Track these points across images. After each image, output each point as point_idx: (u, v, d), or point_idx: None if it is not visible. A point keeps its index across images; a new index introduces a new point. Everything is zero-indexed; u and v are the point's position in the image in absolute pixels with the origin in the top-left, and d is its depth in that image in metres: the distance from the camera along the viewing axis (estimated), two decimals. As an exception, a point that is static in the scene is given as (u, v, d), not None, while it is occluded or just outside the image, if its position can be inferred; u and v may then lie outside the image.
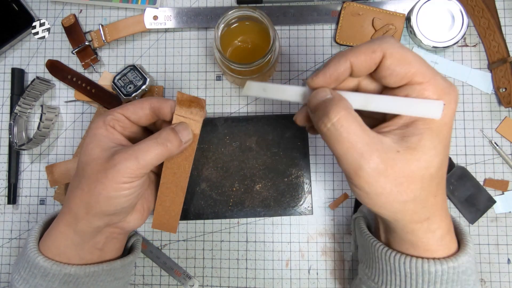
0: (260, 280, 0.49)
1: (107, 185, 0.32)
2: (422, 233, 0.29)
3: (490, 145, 0.49)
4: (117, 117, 0.36)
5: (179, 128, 0.36)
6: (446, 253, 0.30)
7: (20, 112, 0.50)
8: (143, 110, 0.37)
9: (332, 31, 0.51)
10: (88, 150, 0.34)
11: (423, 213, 0.28)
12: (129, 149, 0.33)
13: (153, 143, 0.34)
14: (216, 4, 0.52)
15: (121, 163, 0.32)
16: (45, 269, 0.34)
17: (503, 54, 0.48)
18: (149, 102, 0.37)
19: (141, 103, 0.37)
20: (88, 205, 0.33)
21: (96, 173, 0.33)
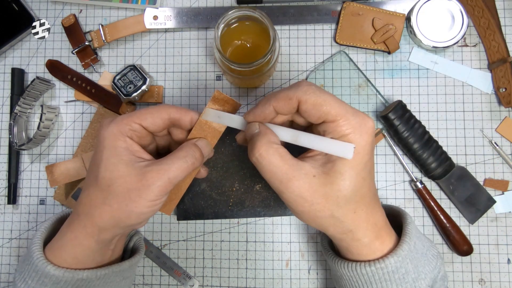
0: (260, 280, 0.49)
1: (140, 204, 0.33)
2: (349, 241, 0.34)
3: (490, 145, 0.49)
4: (134, 127, 0.35)
5: (201, 144, 0.37)
6: (377, 255, 0.34)
7: (20, 112, 0.50)
8: (162, 120, 0.36)
9: (332, 31, 0.51)
10: (111, 165, 0.33)
11: (344, 226, 0.33)
12: (160, 167, 0.33)
13: (181, 161, 0.34)
14: (216, 4, 0.52)
15: (155, 183, 0.33)
16: (56, 277, 0.34)
17: (503, 54, 0.48)
18: (168, 112, 0.36)
19: (159, 113, 0.36)
20: (118, 220, 0.34)
21: (128, 192, 0.33)
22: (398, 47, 0.49)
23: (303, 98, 0.32)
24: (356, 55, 0.50)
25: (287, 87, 0.33)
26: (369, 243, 0.33)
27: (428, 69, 0.50)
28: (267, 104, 0.33)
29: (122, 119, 0.35)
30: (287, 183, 0.31)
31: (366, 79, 0.49)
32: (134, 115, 0.35)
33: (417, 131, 0.46)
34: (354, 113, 0.32)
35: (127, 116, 0.35)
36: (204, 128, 0.37)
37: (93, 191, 0.34)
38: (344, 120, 0.31)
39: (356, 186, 0.31)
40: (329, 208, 0.31)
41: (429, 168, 0.47)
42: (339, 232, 0.33)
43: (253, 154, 0.32)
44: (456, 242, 0.46)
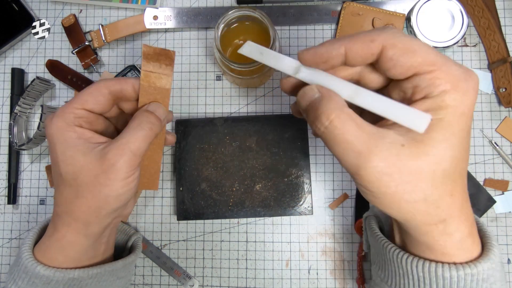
0: (260, 280, 0.49)
1: (113, 186, 0.32)
2: (437, 235, 0.27)
3: (490, 145, 0.49)
4: (79, 114, 0.33)
5: (153, 108, 0.34)
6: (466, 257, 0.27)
7: (20, 112, 0.50)
8: (104, 96, 0.34)
9: (332, 31, 0.51)
10: (69, 159, 0.32)
11: (437, 214, 0.26)
12: (118, 143, 0.32)
13: (137, 130, 0.32)
14: (216, 4, 0.52)
15: (118, 161, 0.31)
16: (47, 278, 0.34)
17: (503, 54, 0.48)
18: (106, 85, 0.34)
19: (98, 90, 0.34)
20: (98, 209, 0.33)
21: (95, 178, 0.32)
22: (398, 47, 0.49)
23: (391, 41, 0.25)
24: (356, 55, 0.50)
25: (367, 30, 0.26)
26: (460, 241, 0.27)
27: (428, 69, 0.50)
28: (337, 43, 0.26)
29: (63, 109, 0.33)
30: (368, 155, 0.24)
31: (366, 79, 0.49)
32: (73, 101, 0.33)
33: (417, 131, 0.46)
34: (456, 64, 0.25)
35: (68, 104, 0.33)
36: (150, 91, 0.35)
37: (63, 188, 0.34)
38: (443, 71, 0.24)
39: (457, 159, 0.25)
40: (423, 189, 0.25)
41: (429, 168, 0.47)
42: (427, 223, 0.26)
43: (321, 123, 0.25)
44: (456, 242, 0.46)
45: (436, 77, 0.25)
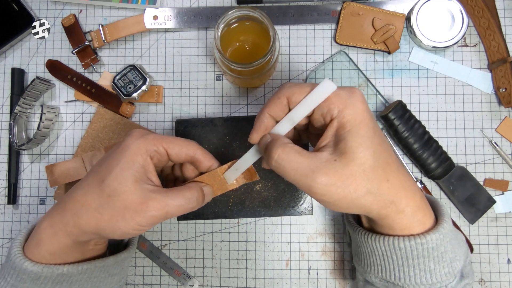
0: (260, 280, 0.49)
1: (130, 224, 0.33)
2: (394, 215, 0.32)
3: (490, 145, 0.49)
4: (160, 151, 0.35)
5: (207, 191, 0.37)
6: (421, 229, 0.33)
7: (20, 112, 0.50)
8: (186, 156, 0.37)
9: (332, 31, 0.51)
10: (121, 177, 0.33)
11: (384, 199, 0.32)
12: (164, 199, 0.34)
13: (184, 201, 0.34)
14: (216, 4, 0.52)
15: (152, 212, 0.33)
16: (35, 274, 0.34)
17: (503, 54, 0.48)
18: (194, 151, 0.37)
19: (187, 148, 0.37)
20: (102, 230, 0.33)
21: (124, 209, 0.33)
22: (398, 47, 0.49)
23: (289, 91, 0.33)
24: (356, 55, 0.50)
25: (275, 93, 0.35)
26: (412, 214, 0.33)
27: (428, 69, 0.50)
28: (262, 114, 0.35)
29: (152, 138, 0.35)
30: (313, 175, 0.31)
31: (366, 79, 0.49)
32: (164, 139, 0.36)
33: (417, 131, 0.46)
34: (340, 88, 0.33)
35: (158, 138, 0.36)
36: (215, 179, 0.38)
37: (91, 192, 0.34)
38: (334, 96, 0.32)
39: (375, 153, 0.31)
40: (362, 185, 0.31)
41: (429, 168, 0.47)
42: (382, 207, 0.32)
43: (272, 158, 0.32)
44: (456, 242, 0.46)
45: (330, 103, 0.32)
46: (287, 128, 0.35)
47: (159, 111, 0.51)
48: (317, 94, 0.32)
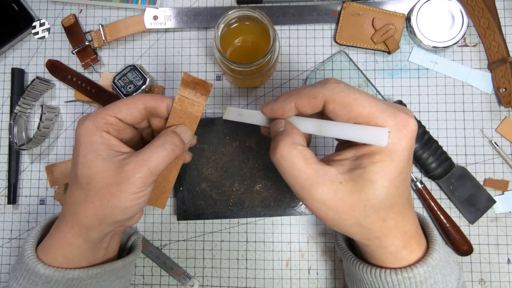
0: (260, 280, 0.49)
1: (122, 198, 0.32)
2: (375, 248, 0.31)
3: (490, 145, 0.49)
4: (110, 121, 0.34)
5: (180, 130, 0.35)
6: (403, 264, 0.31)
7: (20, 112, 0.50)
8: (138, 110, 0.34)
9: (332, 31, 0.51)
10: (88, 162, 0.33)
11: (370, 233, 0.30)
12: (138, 158, 0.32)
13: (160, 149, 0.33)
14: (216, 4, 0.52)
15: (134, 175, 0.32)
16: (47, 277, 0.34)
17: (503, 54, 0.48)
18: (142, 100, 0.35)
19: (134, 103, 0.34)
20: (102, 217, 0.33)
21: (107, 187, 0.32)
22: (398, 47, 0.49)
23: (331, 97, 0.29)
24: (356, 55, 0.50)
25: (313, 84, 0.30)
26: (395, 252, 0.31)
27: (428, 69, 0.50)
28: (288, 100, 0.31)
29: (96, 114, 0.34)
30: (310, 189, 0.29)
31: (366, 79, 0.49)
32: (108, 108, 0.34)
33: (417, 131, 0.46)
34: (392, 112, 0.28)
35: (102, 110, 0.34)
36: (180, 115, 0.36)
37: (75, 189, 0.34)
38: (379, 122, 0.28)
39: (387, 195, 0.29)
40: (356, 217, 0.29)
41: (429, 168, 0.47)
42: (364, 238, 0.31)
43: (275, 154, 0.30)
44: (456, 242, 0.46)
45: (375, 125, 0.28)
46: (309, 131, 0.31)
47: (159, 111, 0.51)
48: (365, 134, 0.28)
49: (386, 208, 0.29)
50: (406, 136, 0.28)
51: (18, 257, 0.37)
